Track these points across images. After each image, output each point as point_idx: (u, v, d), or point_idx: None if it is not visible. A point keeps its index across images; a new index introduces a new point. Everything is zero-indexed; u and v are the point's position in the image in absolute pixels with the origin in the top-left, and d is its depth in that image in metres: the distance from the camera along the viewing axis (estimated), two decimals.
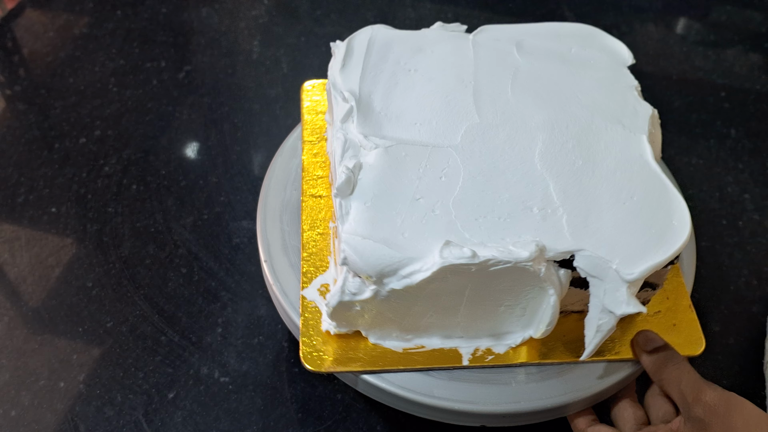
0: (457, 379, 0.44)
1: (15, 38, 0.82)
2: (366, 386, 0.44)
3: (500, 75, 0.50)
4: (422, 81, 0.49)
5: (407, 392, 0.43)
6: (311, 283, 0.47)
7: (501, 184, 0.43)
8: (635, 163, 0.44)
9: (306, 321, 0.45)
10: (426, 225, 0.41)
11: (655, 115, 0.48)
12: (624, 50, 0.53)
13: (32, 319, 0.56)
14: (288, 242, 0.50)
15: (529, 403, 0.43)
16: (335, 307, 0.41)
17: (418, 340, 0.45)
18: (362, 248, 0.39)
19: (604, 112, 0.48)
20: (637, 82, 0.50)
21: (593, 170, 0.44)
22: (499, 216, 0.41)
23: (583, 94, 0.49)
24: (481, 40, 0.53)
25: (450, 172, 0.44)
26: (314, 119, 0.56)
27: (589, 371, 0.44)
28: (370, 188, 0.42)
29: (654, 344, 0.43)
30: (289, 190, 0.53)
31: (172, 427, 0.51)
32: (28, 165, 0.68)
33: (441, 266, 0.38)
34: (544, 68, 0.51)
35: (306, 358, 0.44)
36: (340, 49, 0.51)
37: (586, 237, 0.40)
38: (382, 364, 0.44)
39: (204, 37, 0.83)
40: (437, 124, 0.46)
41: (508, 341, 0.45)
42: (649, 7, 0.90)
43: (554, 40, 0.53)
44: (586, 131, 0.46)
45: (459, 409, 0.43)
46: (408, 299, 0.41)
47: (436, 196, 0.42)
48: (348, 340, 0.45)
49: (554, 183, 0.43)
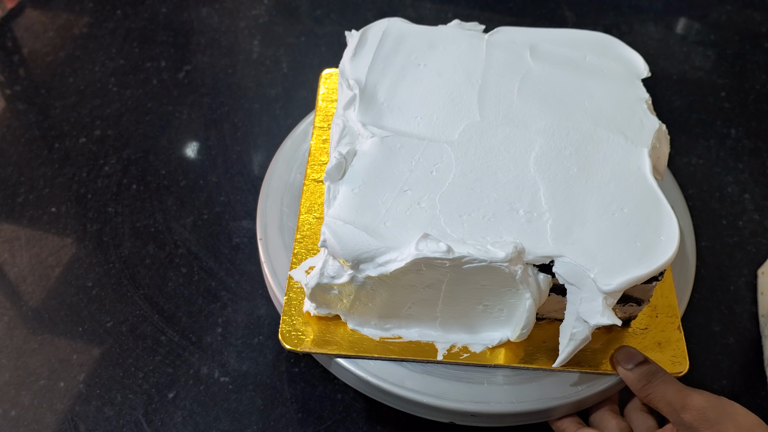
0: (430, 373, 0.44)
1: (15, 38, 0.82)
2: (339, 370, 0.45)
3: (509, 77, 0.50)
4: (430, 76, 0.50)
5: (379, 381, 0.44)
6: (300, 264, 0.47)
7: (491, 183, 0.43)
8: (632, 176, 0.44)
9: (289, 300, 0.46)
10: (409, 217, 0.41)
11: (662, 130, 0.48)
12: (640, 62, 0.52)
13: (32, 319, 0.56)
14: (285, 223, 0.51)
15: (498, 405, 0.43)
16: (314, 288, 0.42)
17: (396, 330, 0.45)
18: (342, 233, 0.40)
19: (609, 122, 0.47)
20: (648, 96, 0.50)
21: (587, 179, 0.44)
22: (484, 215, 0.41)
23: (591, 102, 0.49)
24: (496, 40, 0.53)
25: (442, 167, 0.44)
26: (327, 106, 0.57)
27: (565, 380, 0.44)
28: (360, 175, 0.43)
29: (635, 360, 0.42)
30: (294, 173, 0.55)
31: (172, 427, 0.51)
32: (28, 165, 0.68)
33: (414, 258, 0.38)
34: (555, 74, 0.51)
35: (284, 336, 0.44)
36: (354, 38, 0.52)
37: (569, 244, 0.40)
38: (358, 350, 0.44)
39: (204, 37, 0.83)
40: (437, 119, 0.47)
41: (485, 341, 0.45)
42: (649, 7, 0.90)
43: (570, 47, 0.53)
44: (587, 140, 0.46)
45: (427, 403, 0.43)
46: (384, 287, 0.41)
47: (424, 189, 0.42)
48: (327, 324, 0.45)
49: (545, 188, 0.43)
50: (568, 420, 0.45)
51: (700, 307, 0.58)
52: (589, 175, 0.44)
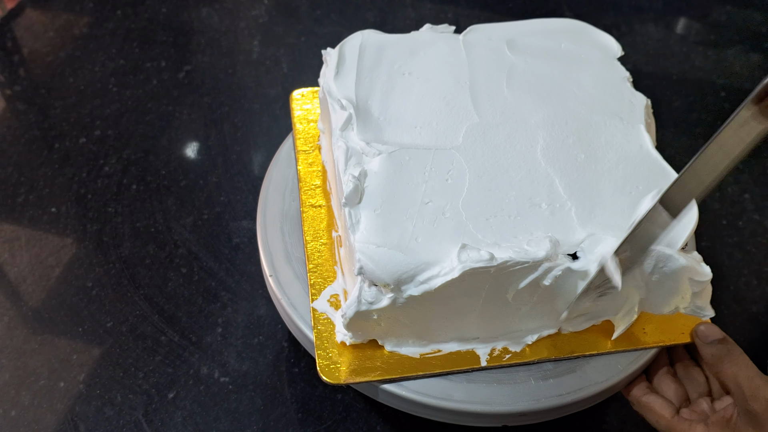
0: (474, 381, 0.43)
1: (15, 38, 0.82)
2: (386, 395, 0.44)
3: (495, 74, 0.50)
4: (419, 83, 0.49)
5: (427, 398, 0.42)
6: (320, 294, 0.46)
7: (506, 182, 0.43)
8: (636, 155, 0.45)
9: (320, 333, 0.44)
10: (438, 228, 0.40)
11: (648, 105, 0.49)
12: (612, 43, 0.53)
13: (32, 319, 0.56)
14: (291, 253, 0.49)
15: (547, 400, 0.43)
16: (352, 317, 0.41)
17: (435, 344, 0.44)
18: (377, 256, 0.39)
19: (602, 106, 0.48)
20: (629, 73, 0.51)
21: (596, 164, 0.44)
22: (509, 214, 0.41)
23: (579, 89, 0.49)
24: (471, 40, 0.53)
25: (455, 173, 0.43)
26: (306, 128, 0.56)
27: (604, 364, 0.45)
28: (378, 195, 0.42)
29: (713, 337, 0.43)
30: (287, 199, 0.53)
31: (172, 427, 0.51)
32: (28, 165, 0.68)
33: (462, 271, 0.38)
34: (538, 65, 0.51)
35: (323, 371, 0.42)
36: (332, 56, 0.51)
37: (596, 226, 0.41)
38: (400, 371, 0.43)
39: (204, 37, 0.83)
40: (437, 126, 0.46)
41: (525, 339, 0.45)
42: (649, 7, 0.91)
43: (544, 37, 0.54)
44: (586, 127, 0.47)
45: (479, 411, 0.42)
46: (425, 304, 0.40)
47: (444, 198, 0.42)
48: (364, 350, 0.44)
49: (559, 178, 0.43)
50: (637, 386, 0.46)
51: None
52: (596, 161, 0.45)
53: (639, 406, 0.45)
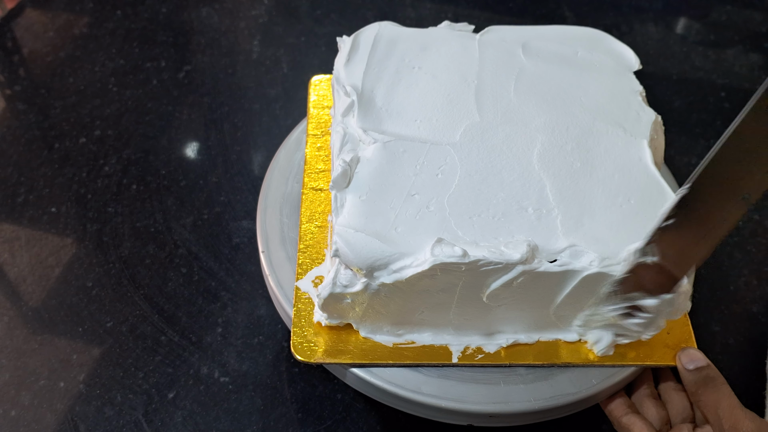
0: (446, 377, 0.44)
1: (15, 38, 0.82)
2: (354, 379, 0.45)
3: (504, 75, 0.50)
4: (426, 78, 0.49)
5: (395, 387, 0.43)
6: (306, 274, 0.47)
7: (497, 183, 0.43)
8: (634, 167, 0.44)
9: (299, 312, 0.45)
10: (420, 221, 0.41)
11: (658, 121, 0.48)
12: (631, 55, 0.53)
13: (32, 319, 0.56)
14: (287, 234, 0.51)
15: (516, 404, 0.43)
16: (326, 298, 0.42)
17: (409, 335, 0.45)
18: (354, 241, 0.39)
19: (607, 115, 0.47)
20: (642, 88, 0.50)
21: (591, 173, 0.44)
22: (494, 215, 0.41)
23: (587, 97, 0.49)
24: (487, 40, 0.53)
25: (447, 169, 0.44)
26: (320, 113, 0.56)
27: (579, 375, 0.44)
28: (366, 182, 0.42)
29: (697, 363, 0.43)
30: (290, 183, 0.54)
31: (172, 427, 0.51)
32: (28, 165, 0.68)
33: (432, 264, 0.38)
34: (549, 70, 0.51)
35: (296, 348, 0.44)
36: (346, 44, 0.52)
37: (580, 237, 0.41)
38: (372, 357, 0.44)
39: (204, 37, 0.83)
40: (437, 122, 0.46)
41: (499, 341, 0.45)
42: (649, 7, 0.90)
43: (561, 43, 0.53)
44: (587, 134, 0.46)
45: (445, 407, 0.43)
46: (398, 294, 0.41)
47: (431, 192, 0.42)
48: (339, 333, 0.45)
49: (551, 184, 0.43)
50: (617, 402, 0.45)
51: (700, 307, 0.58)
52: (592, 169, 0.44)
53: (619, 426, 0.44)
